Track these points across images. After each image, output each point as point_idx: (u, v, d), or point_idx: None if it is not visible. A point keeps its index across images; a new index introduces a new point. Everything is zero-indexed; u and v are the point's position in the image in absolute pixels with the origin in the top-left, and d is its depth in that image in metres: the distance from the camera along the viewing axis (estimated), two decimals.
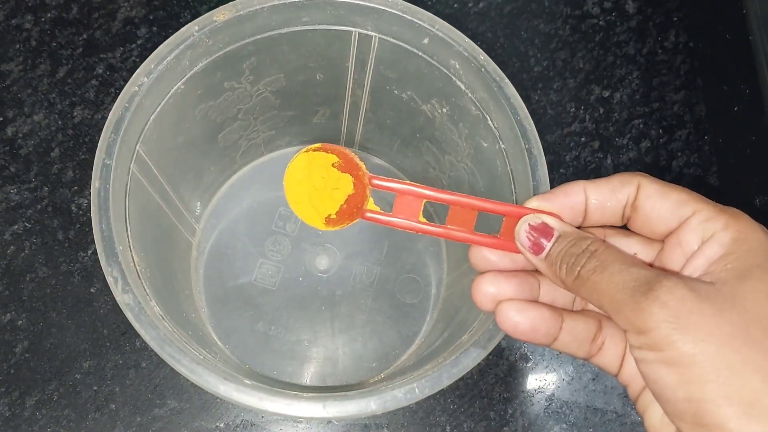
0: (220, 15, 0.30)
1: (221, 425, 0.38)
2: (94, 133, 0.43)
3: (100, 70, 0.44)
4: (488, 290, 0.24)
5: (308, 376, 0.39)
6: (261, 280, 0.41)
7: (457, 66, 0.31)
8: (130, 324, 0.26)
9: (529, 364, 0.41)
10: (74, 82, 0.44)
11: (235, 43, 0.31)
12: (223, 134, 0.37)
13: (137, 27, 0.45)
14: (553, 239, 0.23)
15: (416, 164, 0.42)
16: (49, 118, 0.43)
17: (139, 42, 0.45)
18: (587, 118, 0.46)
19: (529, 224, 0.24)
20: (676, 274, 0.21)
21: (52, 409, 0.38)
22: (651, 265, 0.23)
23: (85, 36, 0.45)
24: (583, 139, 0.46)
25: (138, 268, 0.28)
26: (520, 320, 0.23)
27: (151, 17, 0.46)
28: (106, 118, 0.28)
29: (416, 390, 0.26)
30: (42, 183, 0.42)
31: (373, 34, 0.32)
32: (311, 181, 0.25)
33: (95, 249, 0.27)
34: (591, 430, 0.40)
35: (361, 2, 0.30)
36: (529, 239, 0.23)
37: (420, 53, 0.32)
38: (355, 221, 0.26)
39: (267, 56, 0.33)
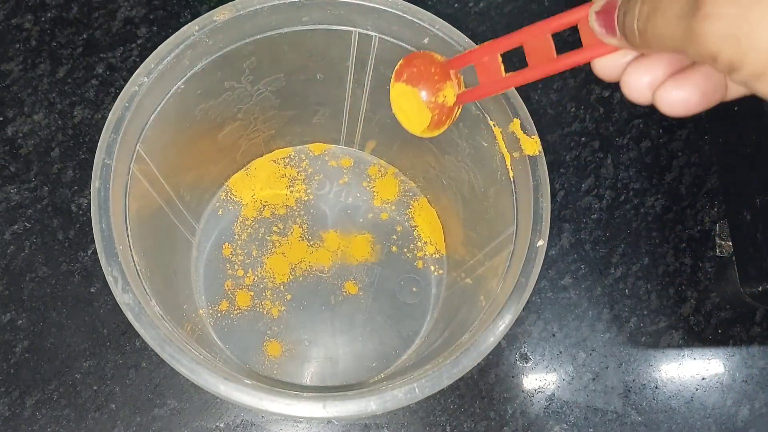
0: (220, 15, 0.30)
1: (221, 425, 0.38)
2: (94, 132, 0.43)
3: (100, 70, 0.44)
4: (643, 80, 0.21)
5: (308, 376, 0.39)
6: (261, 280, 0.41)
7: None
8: (130, 324, 0.26)
9: (529, 364, 0.41)
10: (74, 81, 0.44)
11: (235, 42, 0.31)
12: (223, 134, 0.37)
13: (137, 27, 0.45)
14: (617, 10, 0.21)
15: (416, 164, 0.42)
16: (49, 117, 0.43)
17: (139, 42, 0.45)
18: (587, 117, 0.46)
19: (595, 12, 0.21)
20: None
21: (52, 409, 0.38)
22: None
23: (85, 36, 0.45)
24: (583, 138, 0.46)
25: (138, 268, 0.28)
26: (683, 94, 0.20)
27: (151, 17, 0.46)
28: (106, 117, 0.28)
29: (416, 390, 0.26)
30: (42, 183, 0.42)
31: (373, 33, 0.32)
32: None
33: (95, 249, 0.27)
34: (591, 430, 0.40)
35: (361, 2, 0.30)
36: (602, 25, 0.21)
37: None
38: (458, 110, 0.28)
39: (267, 56, 0.33)
